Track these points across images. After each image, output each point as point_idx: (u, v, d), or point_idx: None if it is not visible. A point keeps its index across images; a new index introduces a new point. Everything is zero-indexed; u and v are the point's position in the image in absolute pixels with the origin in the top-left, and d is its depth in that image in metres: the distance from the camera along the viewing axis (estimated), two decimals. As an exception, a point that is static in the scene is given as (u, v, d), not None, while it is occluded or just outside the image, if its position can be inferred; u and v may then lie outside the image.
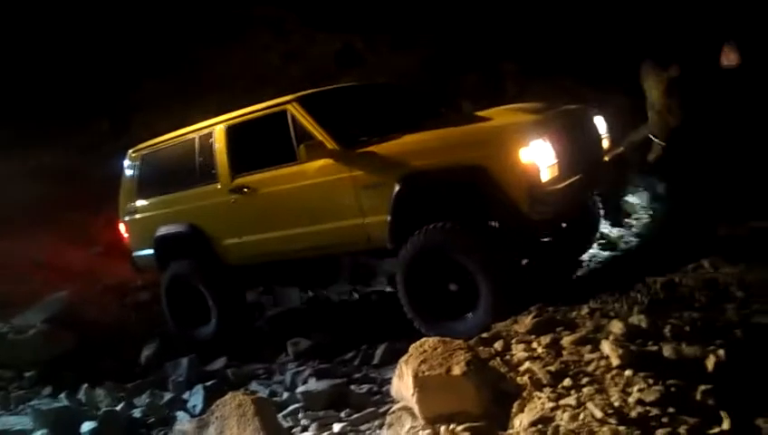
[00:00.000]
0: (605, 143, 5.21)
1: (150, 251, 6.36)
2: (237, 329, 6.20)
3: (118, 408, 4.72)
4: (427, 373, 3.31)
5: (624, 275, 4.43)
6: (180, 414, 4.64)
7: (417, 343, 3.58)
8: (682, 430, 2.73)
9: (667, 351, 3.24)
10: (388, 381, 4.42)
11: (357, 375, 4.81)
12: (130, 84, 12.21)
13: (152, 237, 6.25)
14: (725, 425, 2.76)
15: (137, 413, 4.72)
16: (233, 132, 5.62)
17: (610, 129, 5.35)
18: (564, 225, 5.36)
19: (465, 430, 3.04)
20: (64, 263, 8.35)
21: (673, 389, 2.98)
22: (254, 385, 5.09)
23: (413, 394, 3.31)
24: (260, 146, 5.44)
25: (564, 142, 4.43)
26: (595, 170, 4.81)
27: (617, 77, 8.18)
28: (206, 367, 5.63)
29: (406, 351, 4.31)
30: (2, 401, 5.45)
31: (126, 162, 6.65)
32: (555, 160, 4.31)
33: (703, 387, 2.97)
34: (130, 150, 6.65)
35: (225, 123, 5.69)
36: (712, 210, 5.83)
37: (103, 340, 6.62)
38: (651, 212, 6.36)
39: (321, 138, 4.90)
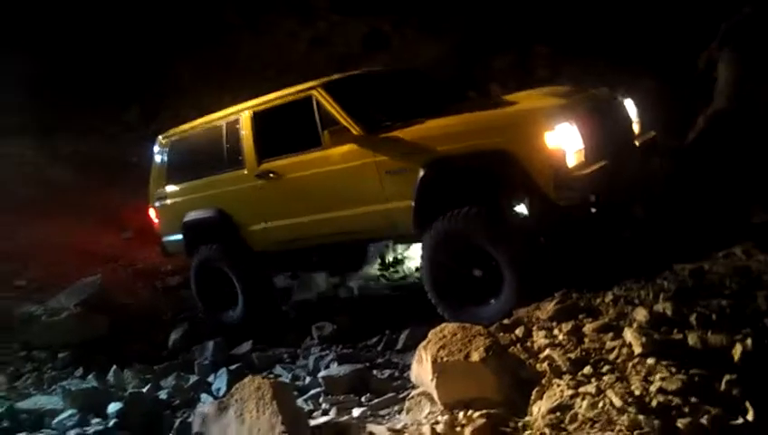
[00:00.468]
0: (635, 128, 5.08)
1: (179, 236, 6.44)
2: (264, 313, 6.26)
3: (144, 389, 4.81)
4: (446, 359, 3.31)
5: (652, 262, 4.33)
6: (204, 396, 4.70)
7: (437, 328, 3.57)
8: (704, 419, 2.68)
9: (692, 339, 3.18)
10: (410, 367, 4.42)
11: (379, 360, 4.82)
12: (161, 71, 12.36)
13: (181, 223, 6.32)
14: (750, 416, 2.69)
15: (163, 395, 4.79)
16: (259, 118, 5.64)
17: (642, 113, 5.22)
18: (594, 210, 5.25)
19: (482, 416, 3.02)
20: (96, 247, 8.51)
21: (696, 378, 2.92)
22: (278, 369, 5.14)
23: (432, 380, 3.32)
24: (286, 131, 5.46)
25: (591, 127, 4.33)
26: (624, 156, 4.70)
27: (648, 60, 7.98)
28: (233, 351, 5.70)
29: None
30: (36, 381, 5.61)
31: (155, 148, 6.73)
32: (582, 145, 4.22)
33: (728, 377, 2.91)
34: (160, 136, 6.73)
35: (251, 109, 5.71)
36: (746, 196, 5.66)
37: (133, 323, 6.75)
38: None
39: (345, 123, 4.89)
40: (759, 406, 2.73)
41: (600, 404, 2.83)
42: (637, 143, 5.01)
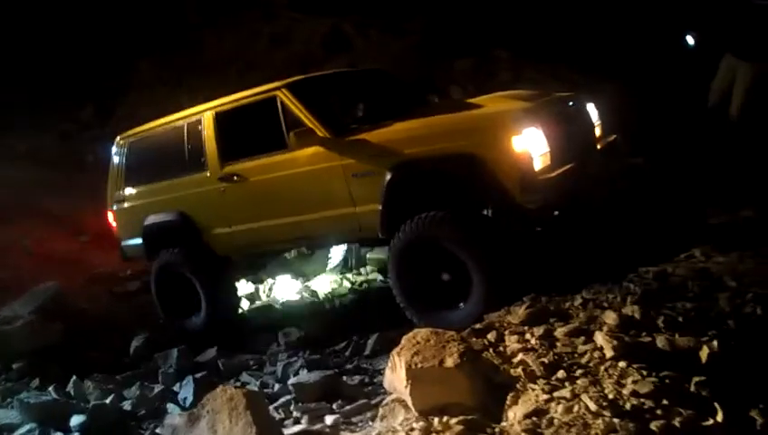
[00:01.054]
0: (597, 131, 5.17)
1: (139, 240, 6.29)
2: (228, 319, 6.16)
3: (107, 401, 4.66)
4: (420, 365, 3.28)
5: (616, 265, 4.41)
6: (171, 406, 4.59)
7: (410, 334, 3.54)
8: (676, 422, 2.72)
9: (661, 342, 3.24)
10: (380, 372, 4.41)
11: (348, 366, 4.78)
12: (116, 69, 12.09)
13: (141, 226, 6.18)
14: (719, 417, 2.75)
15: (127, 406, 4.66)
16: (222, 119, 5.54)
17: (602, 116, 5.32)
18: (556, 213, 5.32)
19: (458, 422, 3.01)
20: (51, 251, 8.25)
21: (667, 380, 2.97)
22: (244, 376, 5.06)
23: (406, 386, 3.29)
24: (249, 133, 5.38)
25: (557, 130, 4.39)
26: (587, 159, 4.78)
27: (608, 64, 8.15)
28: (197, 358, 5.58)
29: (397, 341, 4.28)
30: (-11, 393, 5.39)
31: (113, 149, 6.55)
32: (548, 149, 4.27)
33: (697, 378, 2.96)
34: (118, 137, 6.55)
35: (213, 110, 5.61)
36: (703, 198, 5.83)
37: (92, 330, 6.55)
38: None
39: (311, 125, 4.84)
40: (727, 407, 2.79)
41: (576, 408, 2.85)
42: (599, 146, 5.11)
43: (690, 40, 6.70)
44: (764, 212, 5.34)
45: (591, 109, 5.13)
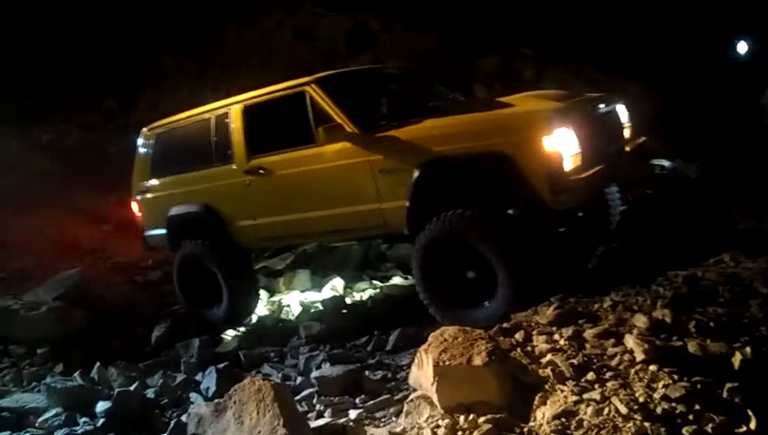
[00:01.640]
0: (627, 132, 5.13)
1: (163, 230, 6.33)
2: (249, 310, 6.19)
3: (131, 388, 4.70)
4: (447, 363, 3.28)
5: (645, 268, 4.38)
6: (194, 396, 4.63)
7: (438, 331, 3.54)
8: (708, 427, 2.70)
9: (693, 347, 3.21)
10: (403, 368, 4.42)
11: (370, 361, 4.78)
12: (139, 61, 12.16)
13: (165, 217, 6.21)
14: (753, 424, 2.73)
15: (150, 394, 4.70)
16: (250, 113, 5.55)
17: (632, 118, 5.27)
18: (581, 214, 5.30)
19: (486, 421, 3.00)
20: (74, 239, 8.33)
21: (699, 386, 2.95)
22: (266, 368, 5.08)
23: (433, 383, 3.28)
24: (277, 127, 5.39)
25: (588, 131, 4.36)
26: (617, 161, 4.74)
27: (634, 65, 8.09)
28: (218, 348, 5.62)
29: (418, 337, 4.31)
30: (14, 377, 5.46)
31: (140, 140, 6.59)
32: (579, 150, 4.24)
33: (729, 385, 2.94)
34: (145, 129, 6.59)
35: (241, 103, 5.62)
36: (731, 202, 5.77)
37: (114, 318, 6.62)
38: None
39: (340, 120, 4.84)
40: (761, 414, 2.77)
41: (606, 411, 2.83)
42: (628, 148, 5.07)
43: (742, 47, 6.58)
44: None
45: (622, 110, 5.09)
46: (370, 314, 5.89)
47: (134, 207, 6.68)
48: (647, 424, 2.71)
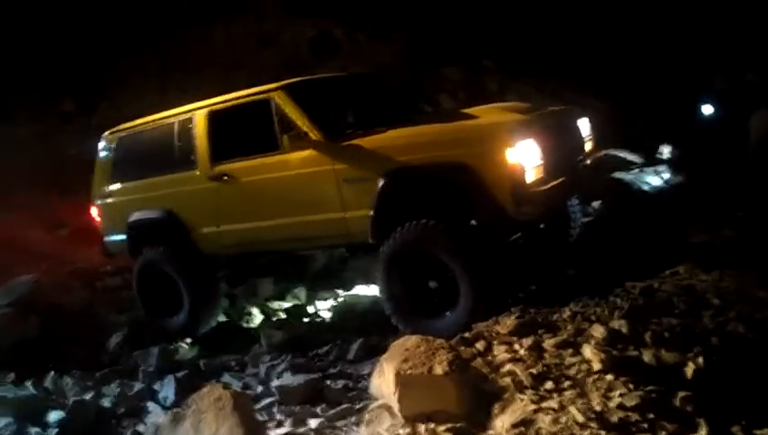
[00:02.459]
0: (588, 146, 5.24)
1: (123, 236, 6.22)
2: (209, 319, 6.11)
3: (87, 397, 4.60)
4: (408, 372, 3.30)
5: (603, 279, 4.47)
6: (151, 405, 4.55)
7: (399, 341, 3.56)
8: (661, 435, 2.76)
9: (648, 356, 3.29)
10: (364, 377, 4.41)
11: (332, 370, 4.74)
12: (99, 64, 11.96)
13: (125, 222, 6.10)
14: (703, 432, 2.80)
15: (106, 403, 4.60)
16: (214, 118, 5.51)
17: (593, 131, 5.39)
18: (542, 226, 5.38)
19: (446, 430, 3.03)
20: (30, 244, 8.13)
21: (653, 394, 3.02)
22: (226, 377, 5.01)
23: (394, 392, 3.30)
24: (242, 134, 5.35)
25: (550, 144, 4.44)
26: (577, 173, 4.83)
27: (598, 81, 8.27)
28: (177, 357, 5.53)
29: (381, 347, 4.31)
30: (-37, 387, 5.28)
31: (101, 144, 6.47)
32: (541, 162, 4.31)
33: (682, 393, 3.01)
34: (107, 132, 6.47)
35: (206, 109, 5.57)
36: (685, 216, 5.93)
37: (70, 326, 6.44)
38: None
39: (305, 128, 4.83)
40: (711, 422, 2.84)
41: (563, 419, 2.88)
42: (589, 162, 5.17)
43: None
44: (745, 232, 5.46)
45: (584, 123, 5.19)
46: (333, 323, 5.87)
47: (93, 211, 6.55)
48: (602, 432, 2.77)
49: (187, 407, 3.26)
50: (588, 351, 3.31)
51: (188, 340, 5.98)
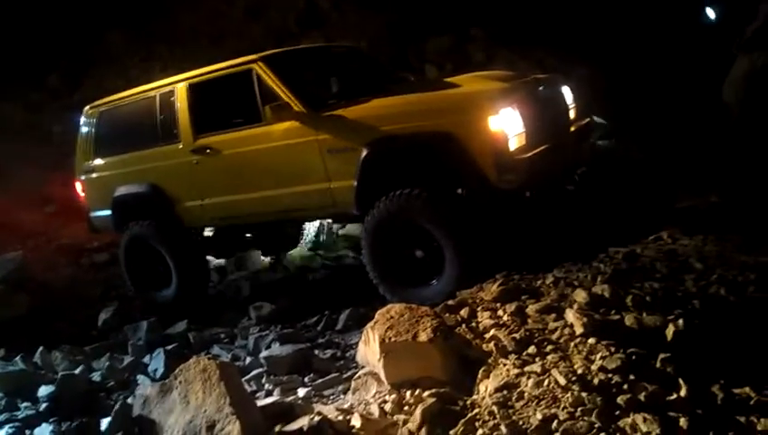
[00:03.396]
0: (572, 114, 5.23)
1: (108, 211, 6.20)
2: (198, 292, 6.13)
3: (76, 371, 4.62)
4: (393, 339, 3.33)
5: (587, 245, 4.50)
6: (141, 378, 4.58)
7: (384, 309, 3.58)
8: (642, 396, 2.80)
9: (629, 320, 3.32)
10: (352, 347, 4.46)
11: (320, 340, 4.80)
12: (83, 40, 11.77)
13: (110, 197, 6.08)
14: (683, 392, 2.84)
15: (96, 377, 4.63)
16: (195, 91, 5.46)
17: (577, 99, 5.37)
18: (528, 194, 5.39)
19: (430, 395, 3.06)
20: (16, 221, 8.07)
21: (634, 357, 3.05)
22: (215, 349, 5.06)
23: (379, 359, 3.33)
24: (224, 106, 5.32)
25: (533, 112, 4.43)
26: (562, 141, 4.83)
27: (583, 48, 8.22)
28: (167, 331, 5.55)
29: (369, 316, 4.32)
30: (-48, 363, 5.29)
31: (82, 119, 6.41)
32: (523, 129, 4.31)
33: (662, 355, 3.05)
34: (87, 107, 6.41)
35: (187, 81, 5.52)
36: (672, 181, 5.95)
37: (58, 302, 6.47)
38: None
39: (287, 99, 4.80)
40: (690, 382, 2.89)
41: (546, 383, 2.92)
42: (572, 129, 5.17)
43: (711, 14, 6.58)
44: (730, 197, 5.49)
45: (567, 91, 5.18)
46: (321, 293, 5.90)
47: (78, 187, 6.52)
48: (584, 394, 2.80)
49: (174, 378, 3.27)
50: (570, 315, 3.34)
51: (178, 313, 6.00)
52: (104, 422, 3.53)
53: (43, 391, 4.27)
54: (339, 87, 5.40)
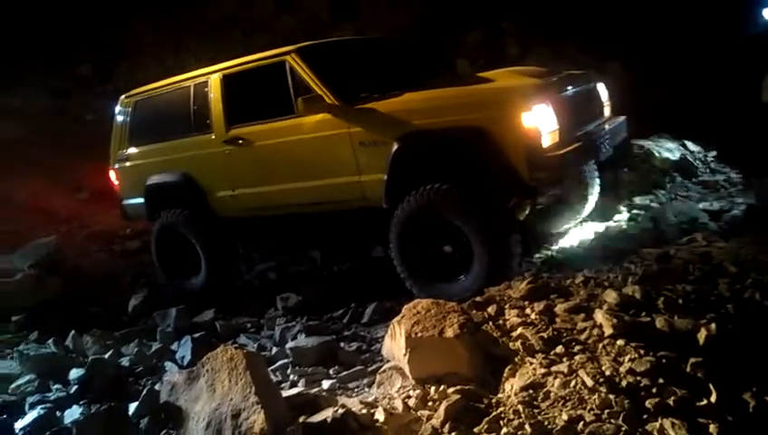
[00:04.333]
0: (606, 111, 5.15)
1: (141, 199, 6.29)
2: (227, 282, 6.19)
3: (106, 356, 4.70)
4: (419, 334, 3.32)
5: (618, 246, 4.44)
6: (168, 364, 4.64)
7: (411, 304, 3.57)
8: (671, 400, 2.76)
9: (660, 322, 3.26)
10: (377, 340, 4.46)
11: (346, 333, 4.81)
12: (116, 27, 11.93)
13: (143, 186, 6.17)
14: (713, 398, 2.79)
15: (125, 362, 4.71)
16: (229, 82, 5.50)
17: (611, 97, 5.30)
18: (558, 191, 5.33)
19: (455, 392, 3.05)
20: (50, 207, 8.23)
21: (664, 360, 3.00)
22: (242, 338, 5.10)
23: (405, 354, 3.32)
24: (257, 97, 5.34)
25: (566, 108, 4.38)
26: (596, 139, 4.76)
27: (616, 44, 8.09)
28: (195, 319, 5.61)
29: (394, 310, 4.33)
30: (-12, 344, 5.43)
31: (118, 108, 6.50)
32: (557, 126, 4.26)
33: (693, 360, 2.99)
34: (123, 96, 6.50)
35: (221, 72, 5.56)
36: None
37: (90, 287, 6.58)
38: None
39: (320, 91, 4.80)
40: (721, 388, 2.83)
41: (572, 383, 2.88)
42: (607, 126, 5.09)
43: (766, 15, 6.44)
44: (766, 199, 5.37)
45: (602, 88, 5.10)
46: (348, 286, 5.91)
47: (112, 175, 6.61)
48: (611, 396, 2.76)
49: (202, 366, 3.30)
50: (599, 316, 3.29)
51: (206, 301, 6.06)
52: (132, 407, 3.57)
53: (74, 373, 4.36)
54: (372, 80, 5.39)
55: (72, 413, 3.79)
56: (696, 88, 7.28)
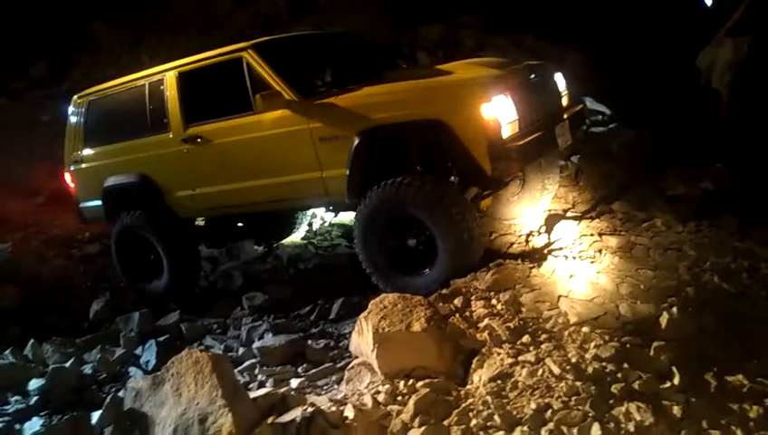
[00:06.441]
0: (564, 100, 5.20)
1: (98, 202, 6.13)
2: (191, 283, 6.09)
3: (67, 364, 4.58)
4: (387, 329, 3.32)
5: (580, 232, 4.49)
6: (133, 370, 4.55)
7: (377, 298, 3.57)
8: (635, 385, 2.81)
9: (624, 308, 3.31)
10: (345, 336, 4.44)
11: (313, 330, 4.77)
12: (69, 28, 11.61)
13: (100, 188, 6.01)
14: (676, 380, 2.84)
15: (87, 369, 4.59)
16: (185, 79, 5.38)
17: (569, 86, 5.34)
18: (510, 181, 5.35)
19: (424, 385, 3.05)
20: (4, 213, 7.97)
21: (628, 345, 3.06)
22: (208, 340, 5.03)
23: (373, 350, 3.32)
24: (214, 94, 5.24)
25: (525, 99, 4.39)
26: (554, 128, 4.80)
27: (574, 34, 8.17)
28: (159, 322, 5.51)
29: (362, 306, 4.31)
30: (-58, 357, 5.24)
31: (71, 108, 6.32)
32: (516, 117, 4.27)
33: (656, 343, 3.05)
34: (76, 96, 6.32)
35: (176, 70, 5.44)
36: (661, 168, 5.94)
37: (49, 294, 6.39)
38: None
39: (278, 87, 4.73)
40: (684, 370, 2.89)
41: (540, 372, 2.92)
42: (565, 116, 5.13)
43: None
44: (722, 184, 5.48)
45: (559, 78, 5.14)
46: (314, 283, 5.87)
47: (67, 178, 6.44)
48: (578, 383, 2.80)
49: (166, 370, 3.24)
50: (564, 304, 3.33)
51: (170, 304, 5.96)
52: (95, 416, 3.48)
53: (34, 384, 4.24)
54: (330, 74, 5.35)
55: (33, 425, 3.68)
56: (652, 74, 7.40)
